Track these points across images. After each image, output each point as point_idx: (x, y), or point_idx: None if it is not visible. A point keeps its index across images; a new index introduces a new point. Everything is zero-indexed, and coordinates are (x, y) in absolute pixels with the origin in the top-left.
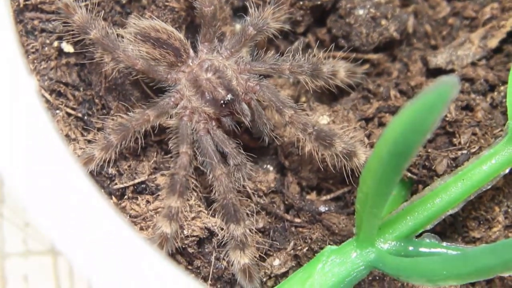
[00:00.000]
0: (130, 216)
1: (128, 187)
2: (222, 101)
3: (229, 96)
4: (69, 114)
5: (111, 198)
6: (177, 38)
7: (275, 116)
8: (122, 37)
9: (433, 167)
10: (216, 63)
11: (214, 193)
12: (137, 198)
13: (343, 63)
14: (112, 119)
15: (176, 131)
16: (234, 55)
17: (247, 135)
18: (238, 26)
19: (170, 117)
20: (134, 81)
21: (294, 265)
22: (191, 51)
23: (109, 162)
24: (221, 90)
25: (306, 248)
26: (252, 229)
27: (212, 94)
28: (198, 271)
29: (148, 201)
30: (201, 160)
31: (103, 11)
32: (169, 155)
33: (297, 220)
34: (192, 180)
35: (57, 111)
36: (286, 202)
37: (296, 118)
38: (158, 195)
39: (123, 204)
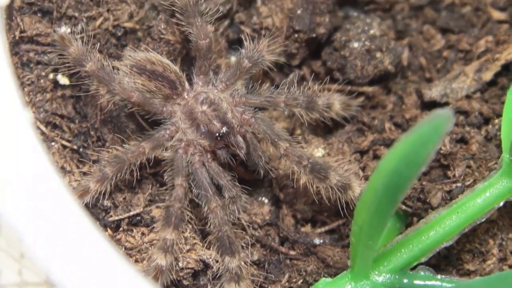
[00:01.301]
0: (125, 248)
1: (123, 219)
2: (217, 134)
3: (224, 129)
4: (64, 146)
5: (106, 230)
6: (172, 71)
7: (270, 149)
8: (118, 69)
9: (427, 200)
10: (211, 95)
11: (209, 226)
12: (132, 230)
13: (338, 96)
14: (108, 152)
15: (171, 164)
16: (229, 88)
17: (242, 167)
18: (233, 59)
19: (166, 150)
20: (129, 113)
21: None
22: (186, 84)
23: (104, 194)
24: (216, 123)
25: (301, 280)
26: (247, 262)
27: (207, 126)
28: None
29: (143, 233)
30: (196, 193)
31: (98, 43)
32: (164, 188)
33: (292, 252)
34: (187, 213)
35: (53, 143)
36: (281, 235)
37: (291, 151)
38: (153, 227)
39: (118, 236)
